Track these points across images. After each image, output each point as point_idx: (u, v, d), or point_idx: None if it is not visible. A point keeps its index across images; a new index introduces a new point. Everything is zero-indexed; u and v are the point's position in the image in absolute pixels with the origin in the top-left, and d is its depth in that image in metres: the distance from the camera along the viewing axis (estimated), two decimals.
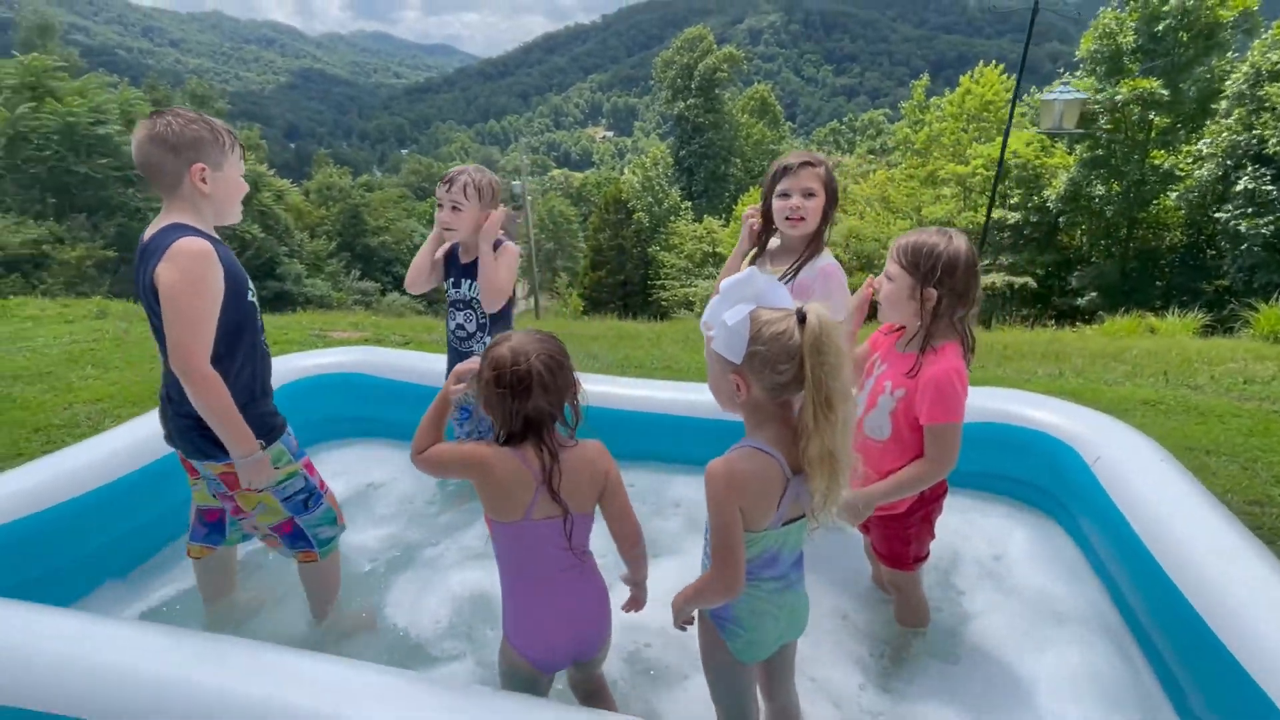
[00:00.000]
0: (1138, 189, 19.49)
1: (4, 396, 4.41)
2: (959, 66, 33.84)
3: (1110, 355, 7.64)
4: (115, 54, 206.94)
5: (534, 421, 1.61)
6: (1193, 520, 2.03)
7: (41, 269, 20.09)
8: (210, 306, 1.87)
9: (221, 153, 1.96)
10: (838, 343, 1.39)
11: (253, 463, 2.00)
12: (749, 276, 1.46)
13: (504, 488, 1.61)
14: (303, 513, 2.20)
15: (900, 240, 1.94)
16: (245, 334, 2.01)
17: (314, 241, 32.81)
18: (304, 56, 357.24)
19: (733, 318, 1.42)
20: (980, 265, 1.95)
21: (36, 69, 22.93)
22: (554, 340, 1.67)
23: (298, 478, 2.17)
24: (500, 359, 1.60)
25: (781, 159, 2.46)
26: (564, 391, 1.64)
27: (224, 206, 2.02)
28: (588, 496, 1.68)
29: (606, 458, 1.72)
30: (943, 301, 1.86)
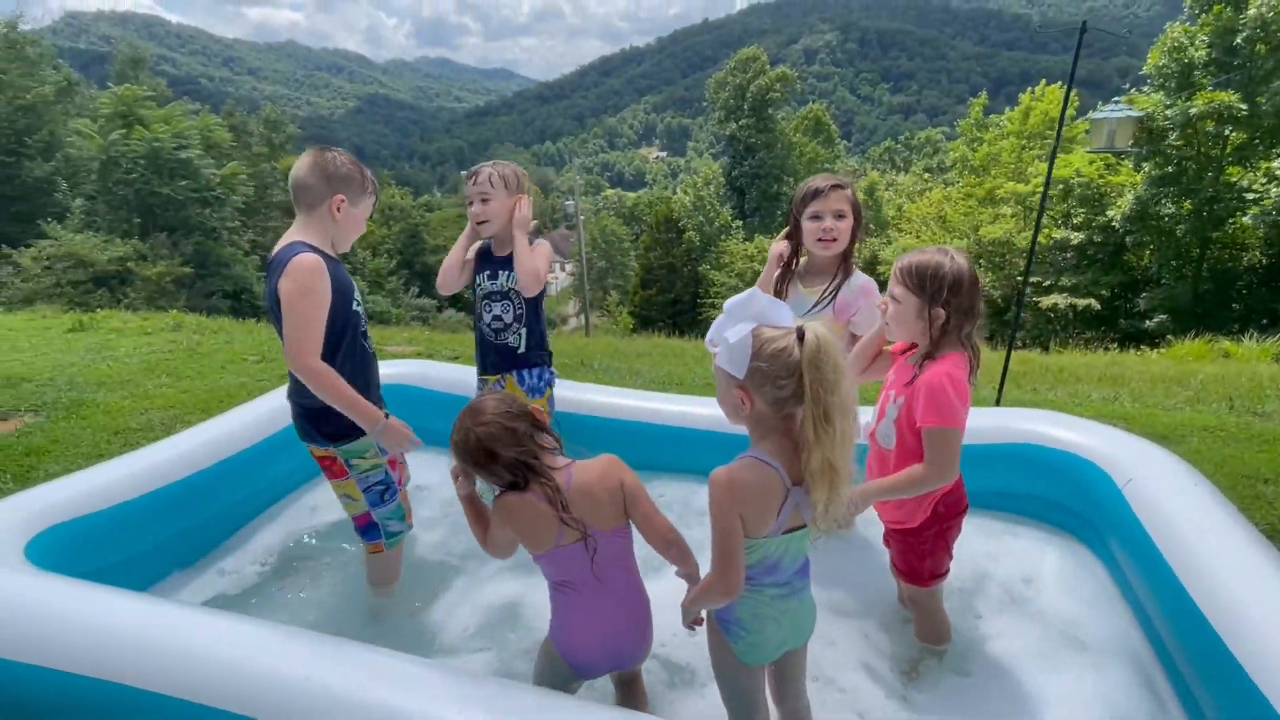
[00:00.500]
0: (1211, 207, 18.63)
1: (89, 402, 4.77)
2: (1021, 83, 33.00)
3: (1173, 379, 7.35)
4: (198, 83, 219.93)
5: (519, 468, 1.72)
6: (1224, 547, 1.99)
7: (126, 284, 21.43)
8: (317, 311, 2.15)
9: (362, 194, 2.31)
10: (836, 359, 1.46)
11: (382, 430, 2.26)
12: (750, 296, 1.53)
13: (531, 527, 1.73)
14: (379, 505, 2.44)
15: (902, 262, 1.97)
16: (347, 336, 2.28)
17: (375, 259, 34.05)
18: (371, 82, 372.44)
19: (735, 336, 1.50)
20: (1029, 284, 1.98)
21: (128, 99, 24.62)
22: (495, 398, 1.79)
23: (380, 469, 2.41)
24: (457, 441, 1.75)
25: (810, 182, 2.52)
26: (525, 435, 1.73)
27: (345, 235, 2.34)
28: (609, 513, 1.74)
29: (618, 468, 1.77)
30: (950, 319, 1.91)
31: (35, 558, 2.11)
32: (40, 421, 4.42)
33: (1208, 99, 17.10)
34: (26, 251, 21.42)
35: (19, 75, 27.60)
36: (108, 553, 2.43)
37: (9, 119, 26.64)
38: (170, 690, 1.65)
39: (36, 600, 1.86)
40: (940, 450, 1.88)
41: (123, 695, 1.67)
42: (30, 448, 4.00)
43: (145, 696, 1.65)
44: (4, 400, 4.72)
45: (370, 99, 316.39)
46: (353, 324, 2.30)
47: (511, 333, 2.85)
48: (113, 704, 1.68)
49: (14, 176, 26.65)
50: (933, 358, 1.93)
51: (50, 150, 27.69)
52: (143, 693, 1.65)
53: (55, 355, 6.21)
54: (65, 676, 1.71)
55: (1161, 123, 18.14)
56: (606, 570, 1.76)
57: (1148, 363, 9.99)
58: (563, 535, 1.72)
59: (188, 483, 2.71)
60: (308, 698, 1.59)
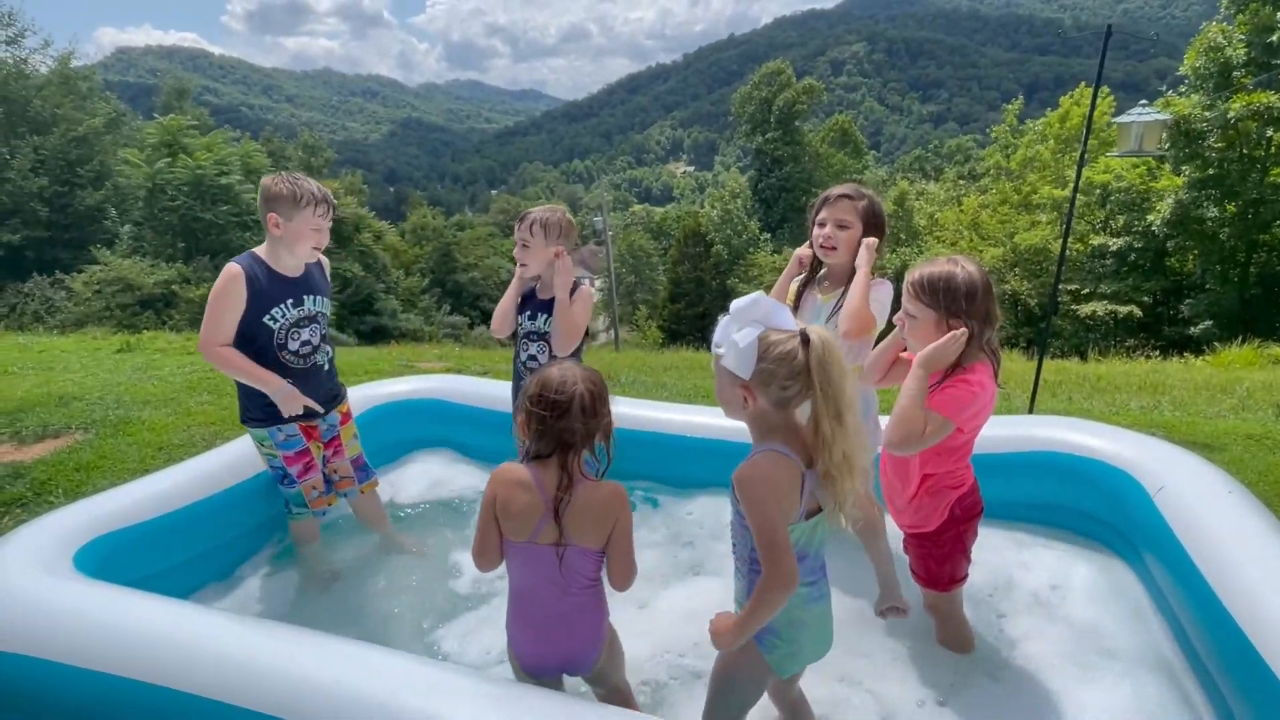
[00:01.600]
0: (1256, 210, 18.07)
1: (135, 419, 4.95)
2: (1055, 88, 32.54)
3: (1217, 387, 7.13)
4: (239, 111, 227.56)
5: (564, 444, 1.71)
6: (1259, 555, 1.93)
7: (170, 306, 22.17)
8: (224, 311, 2.53)
9: (294, 208, 2.56)
10: (839, 359, 1.51)
11: (285, 393, 2.60)
12: (755, 300, 1.57)
13: (513, 511, 1.73)
14: (280, 484, 2.85)
15: (914, 276, 1.96)
16: (258, 343, 2.60)
17: (409, 279, 34.72)
18: (404, 106, 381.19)
19: (743, 340, 1.53)
20: (1066, 291, 1.95)
21: (173, 128, 25.61)
22: (599, 375, 1.80)
23: (276, 460, 2.78)
24: (548, 378, 1.74)
25: (827, 190, 2.54)
26: (600, 421, 1.74)
27: (291, 247, 2.62)
28: (591, 532, 1.74)
29: (620, 502, 1.78)
30: (971, 328, 1.89)
31: (83, 566, 2.21)
32: (90, 438, 4.61)
33: (1246, 100, 16.64)
34: (79, 277, 22.31)
35: (71, 108, 28.89)
36: (150, 562, 2.53)
37: (62, 151, 27.85)
38: (204, 692, 1.71)
39: (86, 607, 1.96)
40: (933, 431, 1.86)
41: (162, 697, 1.74)
42: (80, 464, 4.16)
43: (183, 698, 1.72)
44: (57, 418, 4.93)
45: (404, 122, 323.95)
46: (264, 335, 2.60)
47: None
48: (153, 705, 1.75)
49: (67, 206, 27.81)
50: (962, 368, 1.91)
51: (100, 180, 28.86)
52: (181, 694, 1.72)
53: (104, 375, 6.46)
54: (110, 679, 1.78)
55: (1200, 125, 17.69)
56: (570, 579, 1.77)
57: (1191, 370, 9.69)
58: (540, 533, 1.73)
59: (223, 496, 2.82)
60: (337, 701, 1.64)
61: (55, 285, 22.99)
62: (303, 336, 2.70)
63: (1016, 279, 23.79)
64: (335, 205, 2.74)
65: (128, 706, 1.78)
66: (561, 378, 1.73)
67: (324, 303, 2.81)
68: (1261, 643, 1.76)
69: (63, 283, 22.59)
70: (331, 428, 2.96)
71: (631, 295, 48.81)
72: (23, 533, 2.34)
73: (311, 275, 2.76)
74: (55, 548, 2.23)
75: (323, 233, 2.66)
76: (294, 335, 2.68)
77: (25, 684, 1.87)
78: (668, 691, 2.15)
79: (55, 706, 1.86)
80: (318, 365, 2.79)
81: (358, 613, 2.67)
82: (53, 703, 1.86)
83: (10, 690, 1.89)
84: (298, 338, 2.69)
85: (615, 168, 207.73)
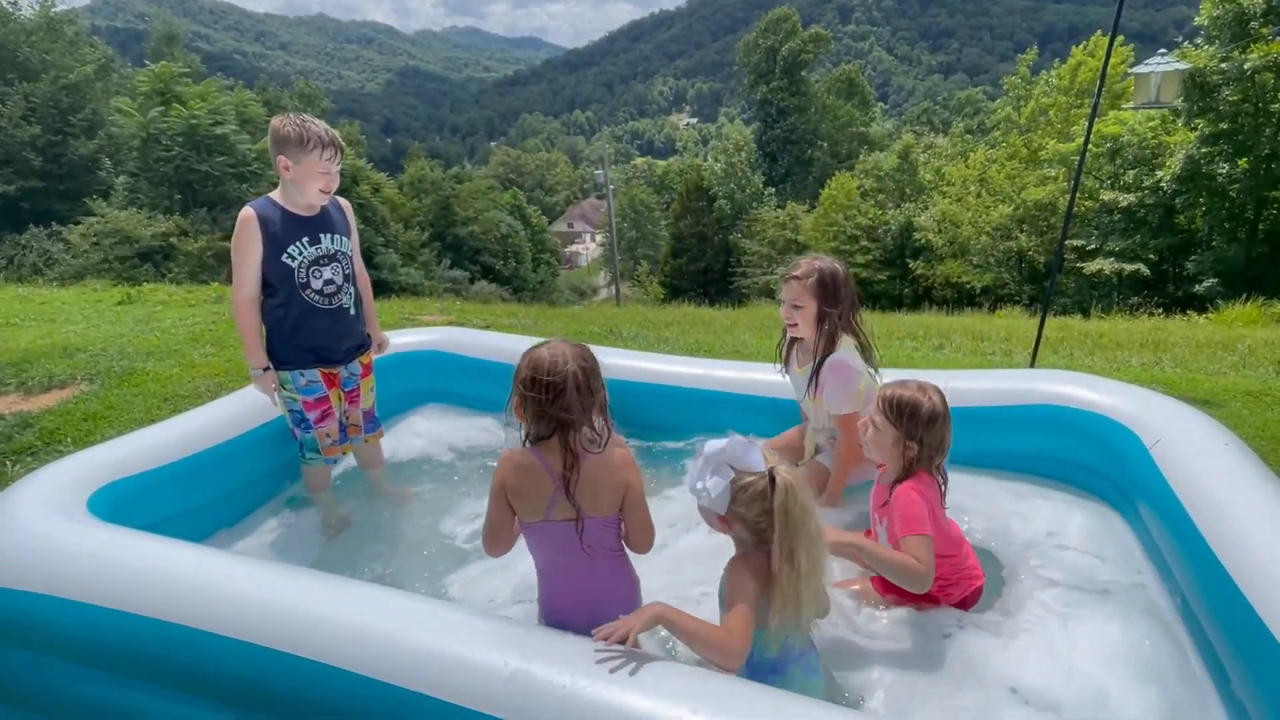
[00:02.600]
0: (1268, 165, 17.76)
1: (139, 370, 4.98)
2: (1070, 38, 31.65)
3: (1219, 345, 7.13)
4: (232, 58, 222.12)
5: (563, 423, 1.72)
6: (1253, 506, 1.97)
7: (169, 259, 22.06)
8: (244, 257, 2.62)
9: (301, 150, 2.57)
10: (803, 500, 1.66)
11: (258, 375, 2.72)
12: (728, 445, 1.70)
13: (524, 494, 1.77)
14: (297, 428, 2.88)
15: (886, 394, 2.19)
16: (284, 285, 2.68)
17: (408, 232, 34.38)
18: (400, 54, 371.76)
19: (714, 489, 1.68)
20: (1071, 248, 1.99)
21: (165, 76, 25.06)
22: (589, 350, 1.80)
23: (295, 403, 2.83)
24: (539, 360, 1.74)
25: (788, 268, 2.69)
26: (596, 397, 1.76)
27: (300, 189, 2.65)
28: (605, 502, 1.78)
29: (630, 469, 1.81)
30: (921, 452, 2.13)
31: (97, 510, 2.25)
32: (95, 389, 4.64)
33: (1264, 51, 16.19)
34: (75, 229, 22.14)
35: (60, 55, 28.23)
36: (163, 507, 2.58)
37: (53, 98, 27.35)
38: (216, 629, 1.77)
39: (100, 548, 2.01)
40: (920, 555, 2.04)
41: (174, 634, 1.80)
42: (87, 413, 4.21)
43: (194, 635, 1.78)
44: (61, 369, 4.95)
45: (400, 71, 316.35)
46: (285, 274, 2.66)
47: None
48: (166, 641, 1.81)
49: (61, 155, 27.44)
50: (902, 481, 2.15)
51: (93, 129, 28.41)
52: (192, 631, 1.78)
53: (106, 327, 6.47)
54: (126, 617, 1.84)
55: (1214, 77, 17.26)
56: (597, 551, 1.81)
57: (1194, 328, 9.68)
58: (553, 509, 1.77)
59: (235, 443, 2.86)
60: (350, 638, 1.70)
61: (53, 237, 22.83)
62: (325, 275, 2.74)
63: (1024, 236, 23.56)
64: (344, 149, 2.72)
65: (144, 644, 1.84)
66: (553, 358, 1.73)
67: (343, 242, 2.82)
68: (1250, 590, 1.80)
69: (60, 235, 22.43)
70: (353, 376, 2.98)
71: (633, 250, 48.46)
72: (38, 477, 2.37)
73: (328, 214, 2.79)
74: (70, 492, 2.27)
75: (331, 176, 2.66)
76: (315, 274, 2.72)
77: (40, 623, 1.93)
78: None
79: (74, 643, 1.92)
80: (343, 307, 2.82)
81: (367, 558, 2.72)
82: (68, 641, 1.92)
83: (25, 628, 1.95)
84: (319, 276, 2.73)
85: (617, 119, 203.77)
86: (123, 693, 1.90)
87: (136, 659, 1.85)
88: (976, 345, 6.86)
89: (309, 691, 1.68)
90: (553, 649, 1.63)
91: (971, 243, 24.86)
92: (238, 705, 1.78)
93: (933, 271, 26.42)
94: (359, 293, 2.94)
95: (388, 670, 1.62)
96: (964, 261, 25.16)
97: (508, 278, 38.41)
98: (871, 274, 28.91)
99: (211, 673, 1.78)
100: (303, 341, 2.76)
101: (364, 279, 3.02)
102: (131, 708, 1.91)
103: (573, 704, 1.48)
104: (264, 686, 1.73)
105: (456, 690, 1.56)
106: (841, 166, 36.01)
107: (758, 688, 1.57)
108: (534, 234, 45.50)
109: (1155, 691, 1.89)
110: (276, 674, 1.71)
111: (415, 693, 1.58)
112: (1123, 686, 1.90)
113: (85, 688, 1.94)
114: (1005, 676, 1.95)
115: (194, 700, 1.82)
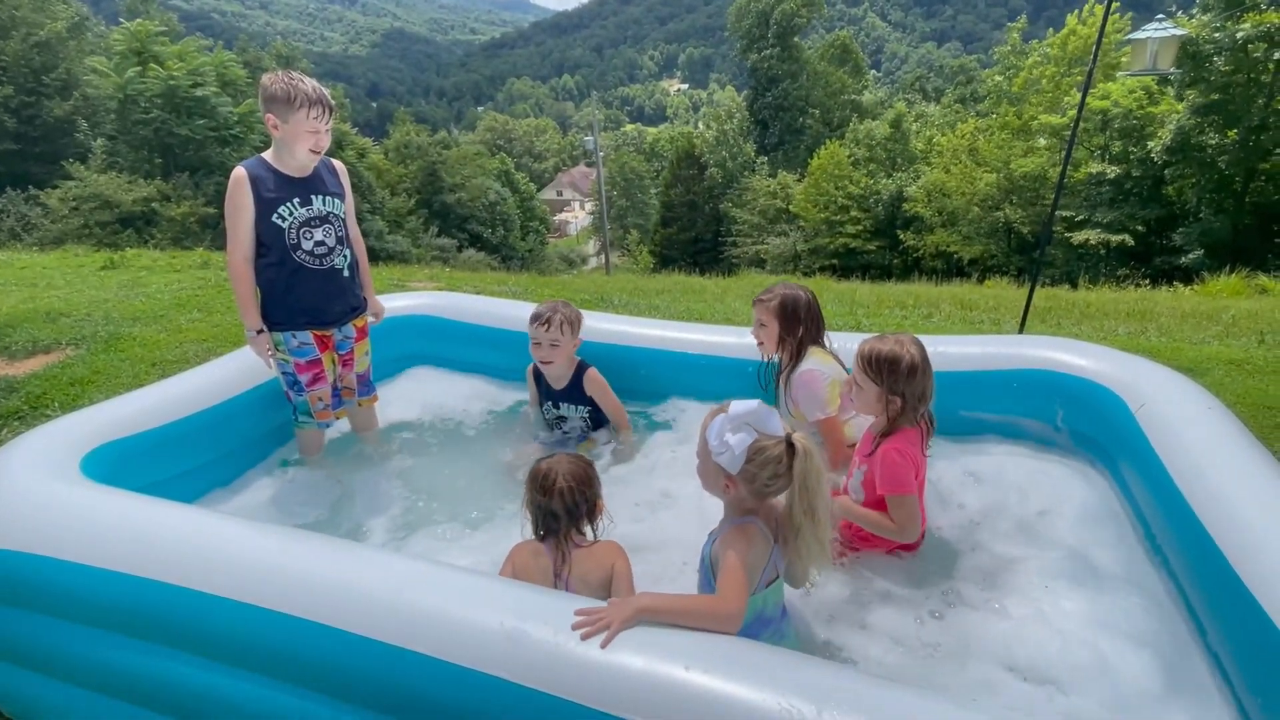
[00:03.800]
0: (1258, 136, 17.80)
1: (126, 335, 4.93)
2: (1065, 6, 31.20)
3: (1204, 315, 7.21)
4: (210, 18, 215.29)
5: (555, 522, 2.01)
6: (1232, 467, 2.01)
7: (151, 225, 21.67)
8: (236, 217, 2.62)
9: (289, 108, 2.54)
10: (818, 465, 1.75)
11: (252, 337, 2.73)
12: (756, 407, 1.76)
13: (529, 578, 1.98)
14: (290, 389, 2.91)
15: (864, 350, 2.23)
16: (276, 246, 2.68)
17: (394, 199, 33.86)
18: (385, 15, 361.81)
19: (738, 444, 1.73)
20: (1060, 218, 2.00)
21: (141, 35, 24.30)
22: (585, 463, 2.10)
23: (288, 364, 2.85)
24: (536, 471, 2.07)
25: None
26: (584, 503, 2.03)
27: (290, 148, 2.63)
28: (595, 589, 1.98)
29: (614, 554, 2.04)
30: (905, 404, 2.18)
31: (90, 471, 2.25)
32: (81, 354, 4.59)
33: (1257, 21, 16.11)
34: (54, 193, 21.65)
35: (30, 11, 27.29)
36: (156, 469, 2.58)
37: (24, 57, 26.54)
38: (205, 587, 1.79)
39: (93, 508, 2.01)
40: (903, 513, 2.16)
41: (165, 593, 1.81)
42: (74, 378, 4.17)
43: (185, 593, 1.79)
44: (45, 334, 4.89)
45: (385, 33, 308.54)
46: (276, 234, 2.66)
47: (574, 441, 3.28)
48: (157, 601, 1.82)
49: (35, 116, 26.74)
50: (889, 434, 2.21)
51: (68, 89, 27.64)
52: (183, 590, 1.80)
53: (90, 292, 6.38)
54: (117, 576, 1.85)
55: (1206, 47, 17.18)
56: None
57: (1179, 299, 9.77)
58: None
59: (228, 405, 2.86)
60: (343, 598, 1.72)
61: (30, 201, 22.33)
62: (316, 236, 2.73)
63: (1011, 207, 23.55)
64: (333, 107, 2.67)
65: (137, 604, 1.85)
66: (547, 471, 2.04)
67: (335, 204, 2.80)
68: (1228, 548, 1.85)
69: (37, 199, 21.93)
70: (347, 339, 2.98)
71: (623, 219, 48.07)
72: (30, 438, 2.37)
73: (320, 175, 2.76)
74: (63, 452, 2.27)
75: (320, 134, 2.63)
76: (306, 235, 2.71)
77: (34, 582, 1.93)
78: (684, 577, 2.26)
79: (68, 601, 1.93)
80: (335, 268, 2.82)
81: (358, 520, 2.74)
82: (62, 601, 1.93)
83: (18, 588, 1.96)
84: (310, 237, 2.72)
85: (606, 84, 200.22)
86: (117, 652, 1.90)
87: (130, 618, 1.87)
88: (965, 314, 6.90)
89: (301, 651, 1.70)
90: (549, 607, 1.66)
91: (961, 213, 24.86)
92: (230, 664, 1.79)
93: (922, 242, 26.44)
94: (354, 255, 2.92)
95: (383, 630, 1.63)
96: (953, 232, 25.18)
97: (496, 246, 38.01)
98: (862, 244, 28.89)
99: (204, 632, 1.79)
100: (295, 302, 2.76)
101: (359, 243, 3.00)
102: (124, 666, 1.91)
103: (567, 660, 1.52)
104: (256, 646, 1.75)
105: (454, 650, 1.58)
106: (834, 135, 35.62)
107: (755, 645, 1.60)
108: (522, 201, 44.93)
109: (1148, 655, 1.92)
110: (269, 634, 1.72)
111: (412, 651, 1.60)
112: (1117, 654, 1.93)
113: (80, 646, 1.95)
114: (999, 654, 1.96)
115: (186, 659, 1.83)
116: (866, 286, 10.71)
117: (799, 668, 1.51)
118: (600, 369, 3.14)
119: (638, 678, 1.47)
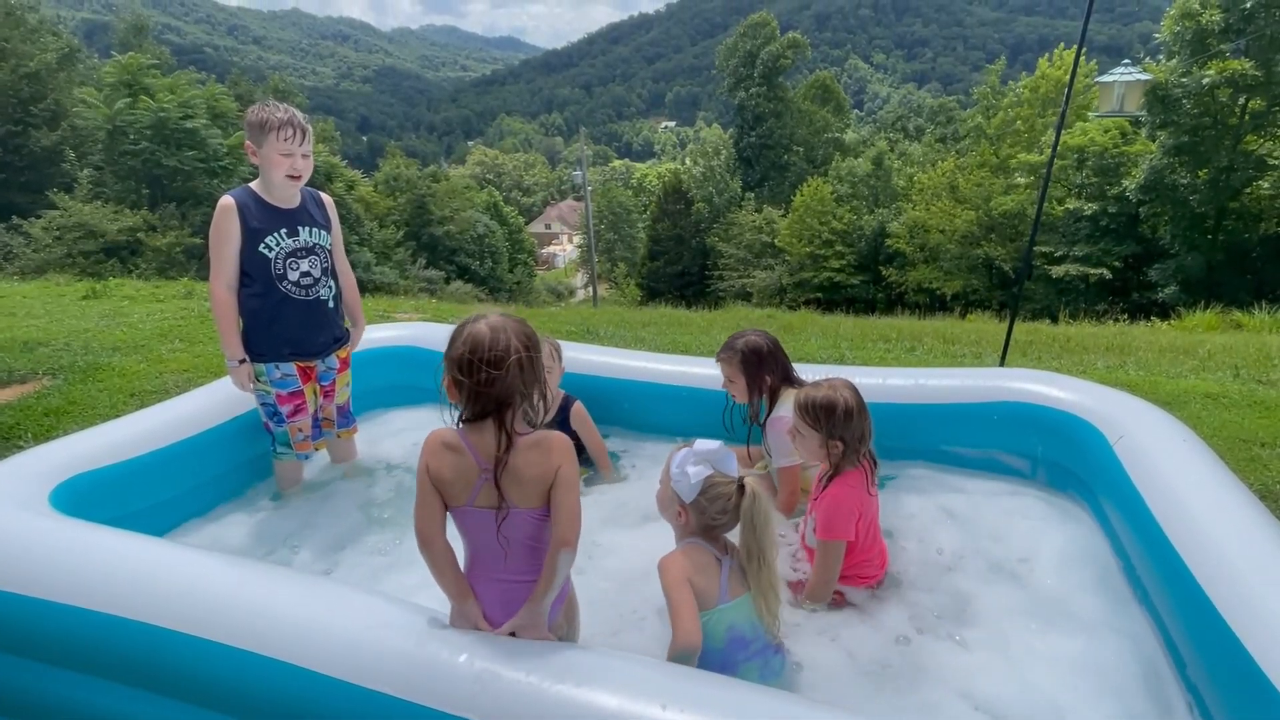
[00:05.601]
0: (1227, 176, 18.34)
1: (105, 365, 4.86)
2: (1040, 49, 32.24)
3: (1180, 349, 7.33)
4: (203, 52, 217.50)
5: (503, 403, 1.59)
6: (1209, 500, 2.03)
7: (136, 255, 21.54)
8: (221, 245, 2.61)
9: (261, 135, 2.58)
10: (765, 509, 1.89)
11: (234, 367, 2.72)
12: (717, 448, 1.93)
13: (448, 479, 1.64)
14: (269, 420, 2.88)
15: (800, 399, 2.31)
16: (260, 275, 2.67)
17: (383, 230, 33.96)
18: (376, 51, 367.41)
19: (695, 475, 1.90)
20: (1040, 254, 2.06)
21: (132, 68, 24.49)
22: (530, 327, 1.66)
23: (269, 395, 2.82)
24: (479, 338, 1.57)
25: None
26: (537, 375, 1.63)
27: (268, 176, 2.66)
28: (531, 491, 1.63)
29: (561, 453, 1.64)
30: (847, 446, 2.24)
31: (59, 504, 2.20)
32: (58, 384, 4.52)
33: (1220, 68, 16.73)
34: (37, 222, 21.52)
35: (19, 43, 27.43)
36: (126, 502, 2.53)
37: (13, 87, 26.56)
38: (173, 624, 1.74)
39: (60, 542, 1.96)
40: (823, 559, 2.20)
41: (132, 630, 1.76)
42: (49, 409, 4.10)
43: (151, 631, 1.74)
44: (22, 363, 4.82)
45: (377, 69, 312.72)
46: (261, 265, 2.66)
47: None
48: (123, 637, 1.77)
49: (21, 146, 26.67)
50: (834, 477, 2.27)
51: (56, 119, 27.65)
52: (149, 627, 1.74)
53: (70, 321, 6.30)
54: (82, 612, 1.80)
55: (1174, 91, 17.79)
56: (513, 544, 1.67)
57: (1156, 333, 9.93)
58: (477, 496, 1.64)
59: (204, 437, 2.81)
60: (309, 636, 1.68)
61: (12, 230, 22.16)
62: (302, 268, 2.73)
63: (990, 244, 24.02)
64: (306, 129, 2.66)
65: (99, 637, 1.79)
66: (494, 337, 1.57)
67: (322, 235, 2.81)
68: (1204, 580, 1.86)
69: (20, 228, 21.77)
70: (330, 370, 2.97)
71: (610, 252, 48.42)
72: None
73: (306, 207, 2.78)
74: (31, 485, 2.22)
75: (294, 158, 2.63)
76: (292, 266, 2.72)
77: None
78: (629, 630, 2.20)
79: (30, 639, 1.87)
80: (320, 299, 2.82)
81: (334, 555, 2.69)
82: (29, 638, 1.87)
83: None
84: (296, 268, 2.73)
85: (595, 120, 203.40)
86: (85, 692, 1.85)
87: (97, 656, 1.81)
88: (948, 348, 6.97)
89: (270, 689, 1.65)
90: (522, 650, 1.63)
91: (942, 249, 25.31)
92: (199, 703, 1.74)
93: (904, 277, 26.82)
94: (339, 287, 2.92)
95: (348, 670, 1.59)
96: (935, 267, 25.60)
97: (484, 278, 38.12)
98: (846, 278, 29.29)
99: (173, 670, 1.74)
100: (279, 333, 2.75)
101: (348, 275, 3.00)
102: (93, 706, 1.86)
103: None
104: (225, 684, 1.70)
105: (422, 693, 1.54)
106: (817, 171, 36.33)
107: (735, 683, 1.56)
108: (511, 234, 45.23)
109: (1112, 705, 1.88)
110: (237, 672, 1.68)
111: (376, 692, 1.56)
112: (1079, 699, 1.89)
113: (47, 685, 1.89)
114: (958, 684, 1.94)
115: (155, 699, 1.78)
116: (850, 320, 10.80)
117: (777, 704, 1.49)
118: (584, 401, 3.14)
119: (612, 718, 1.44)
